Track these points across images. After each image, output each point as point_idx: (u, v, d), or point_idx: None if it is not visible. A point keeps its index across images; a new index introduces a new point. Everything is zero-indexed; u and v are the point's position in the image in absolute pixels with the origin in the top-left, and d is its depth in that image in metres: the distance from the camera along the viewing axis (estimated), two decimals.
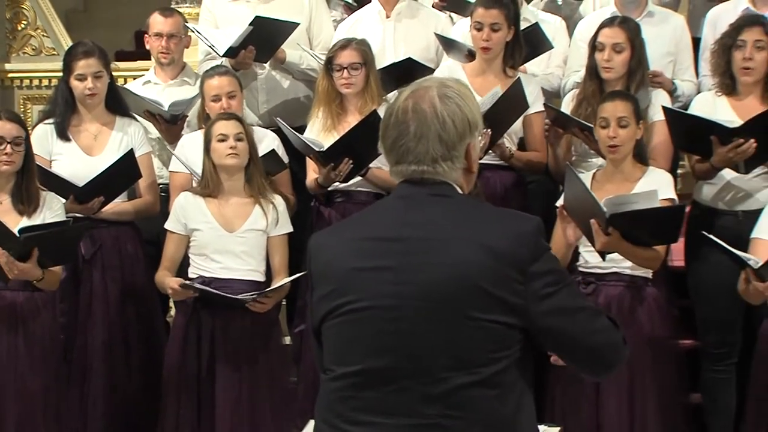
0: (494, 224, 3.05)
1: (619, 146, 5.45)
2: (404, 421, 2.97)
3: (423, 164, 3.05)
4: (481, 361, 2.96)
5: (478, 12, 6.03)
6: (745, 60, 5.68)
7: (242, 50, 6.47)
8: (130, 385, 6.08)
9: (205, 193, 5.76)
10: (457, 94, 3.09)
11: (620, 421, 5.34)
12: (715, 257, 5.54)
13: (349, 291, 3.05)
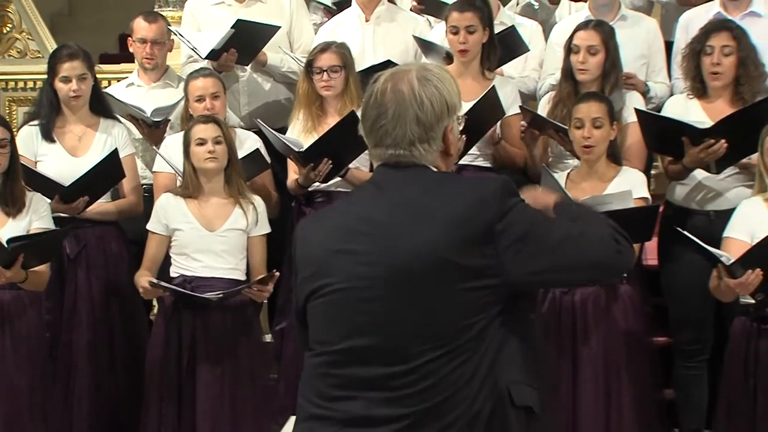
0: (455, 195, 3.06)
1: (594, 146, 5.47)
2: (378, 395, 3.00)
3: (400, 147, 3.06)
4: (455, 332, 2.98)
5: (453, 16, 6.06)
6: (713, 65, 5.70)
7: (224, 53, 6.48)
8: (114, 382, 6.06)
9: (186, 194, 5.76)
10: (436, 76, 3.09)
11: (596, 416, 5.35)
12: (687, 256, 5.59)
13: (327, 273, 3.08)
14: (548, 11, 7.04)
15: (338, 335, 3.06)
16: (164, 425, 5.66)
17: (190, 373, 5.65)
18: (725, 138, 5.44)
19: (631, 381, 5.39)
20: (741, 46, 5.70)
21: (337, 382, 3.06)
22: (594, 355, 5.36)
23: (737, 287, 4.95)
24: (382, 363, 3.02)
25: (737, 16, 6.20)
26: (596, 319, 5.38)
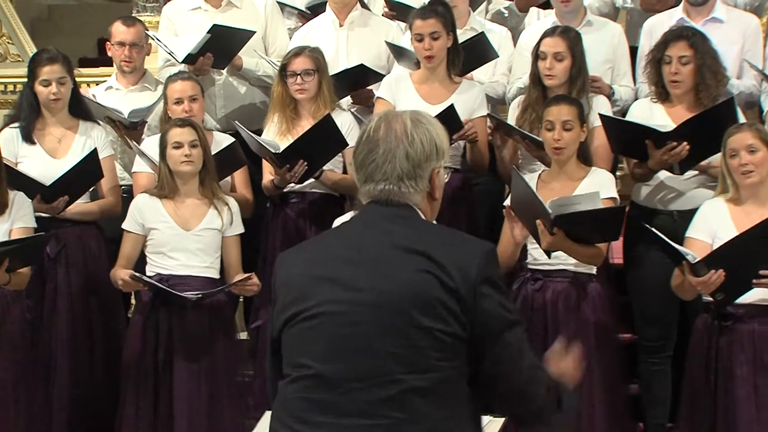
0: (451, 241, 3.09)
1: (564, 148, 5.47)
2: (354, 421, 2.98)
3: (389, 182, 3.07)
4: (428, 367, 2.97)
5: (417, 23, 6.05)
6: (672, 74, 5.73)
7: (200, 57, 6.49)
8: (93, 378, 6.07)
9: (162, 194, 5.76)
10: (428, 121, 3.14)
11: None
12: (651, 255, 5.64)
13: (306, 298, 3.07)
14: (518, 18, 7.05)
15: (314, 359, 3.04)
16: (141, 420, 5.66)
17: (167, 368, 5.65)
18: (687, 140, 5.47)
19: (602, 375, 5.40)
20: (698, 55, 5.72)
21: (315, 406, 3.04)
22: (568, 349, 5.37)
23: (699, 286, 4.96)
24: (358, 389, 3.00)
25: (699, 22, 6.23)
26: (567, 315, 5.40)
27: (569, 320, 5.39)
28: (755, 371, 5.07)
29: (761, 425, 5.03)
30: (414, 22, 6.08)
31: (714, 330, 5.15)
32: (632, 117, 5.94)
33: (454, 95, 6.13)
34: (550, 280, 5.44)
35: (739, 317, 5.10)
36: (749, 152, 5.12)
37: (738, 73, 6.27)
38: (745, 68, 6.29)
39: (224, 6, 6.91)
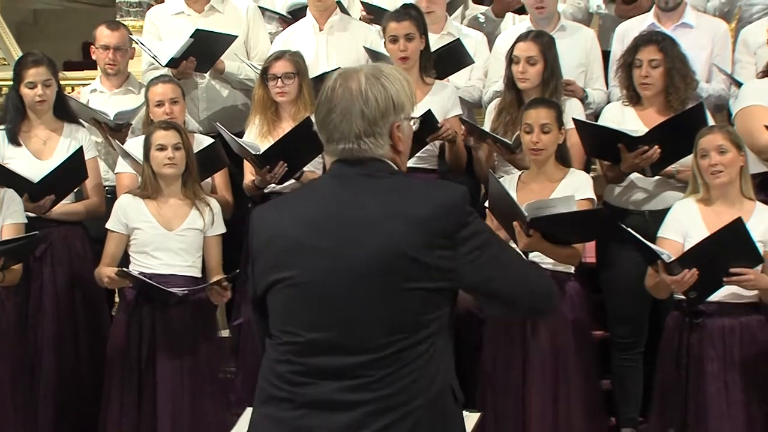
0: (422, 196, 3.07)
1: (542, 150, 5.48)
2: (342, 383, 3.02)
3: (348, 141, 3.08)
4: (414, 327, 3.01)
5: (391, 26, 6.08)
6: (642, 77, 5.73)
7: (183, 61, 6.48)
8: (78, 375, 6.04)
9: (145, 195, 5.75)
10: (386, 76, 3.11)
11: (545, 404, 5.35)
12: (624, 255, 5.64)
13: (290, 266, 3.08)
14: (494, 24, 7.06)
15: (302, 327, 3.07)
16: (125, 415, 5.64)
17: (150, 365, 5.63)
18: (658, 144, 5.48)
19: (578, 371, 5.40)
20: (668, 58, 5.71)
21: (301, 369, 3.07)
22: (543, 346, 5.36)
23: (673, 284, 4.97)
24: (346, 354, 3.03)
25: (670, 27, 6.26)
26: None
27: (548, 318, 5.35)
28: (725, 367, 5.07)
29: (731, 420, 5.04)
30: (388, 24, 6.11)
31: (685, 327, 5.15)
32: (604, 120, 5.94)
33: (428, 97, 6.14)
34: None
35: (710, 314, 5.11)
36: (719, 153, 5.13)
37: (707, 77, 6.30)
38: (714, 72, 6.32)
39: (207, 11, 6.91)
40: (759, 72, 6.01)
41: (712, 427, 5.05)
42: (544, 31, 6.16)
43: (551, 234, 5.21)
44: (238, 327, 6.20)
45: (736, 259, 4.93)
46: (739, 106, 5.86)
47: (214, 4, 6.94)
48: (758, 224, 5.11)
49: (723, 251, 4.91)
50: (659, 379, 5.31)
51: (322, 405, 3.05)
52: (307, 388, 3.07)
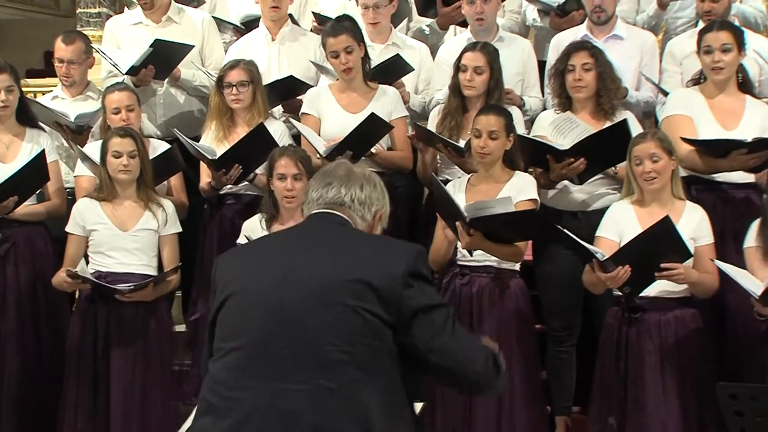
0: (384, 245, 3.19)
1: (488, 154, 5.48)
2: (280, 385, 3.01)
3: (340, 198, 3.23)
4: (352, 341, 3.02)
5: (330, 42, 6.03)
6: (575, 81, 5.75)
7: (143, 69, 6.42)
8: (40, 369, 5.97)
9: (101, 197, 5.71)
10: (381, 183, 3.33)
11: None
12: (558, 253, 5.67)
13: (240, 284, 3.12)
14: (438, 36, 7.01)
15: (246, 333, 3.07)
16: (80, 406, 5.61)
17: (105, 360, 5.61)
18: (584, 156, 5.52)
19: (521, 362, 5.40)
20: (599, 63, 5.76)
21: (242, 373, 3.05)
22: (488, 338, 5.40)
23: (608, 281, 4.98)
24: (287, 357, 3.02)
25: (602, 38, 6.29)
26: (490, 307, 5.41)
27: (492, 312, 5.40)
28: (661, 358, 5.10)
29: (667, 408, 5.07)
30: (327, 40, 6.06)
31: (624, 321, 5.18)
32: (538, 127, 5.95)
33: (372, 102, 6.13)
34: (476, 275, 5.44)
35: (646, 309, 5.15)
36: (652, 161, 5.17)
37: (636, 86, 6.32)
38: (642, 81, 6.34)
39: (164, 21, 6.86)
40: (689, 80, 6.04)
41: (650, 415, 5.08)
42: (490, 43, 6.16)
43: (493, 233, 5.23)
44: (195, 322, 6.18)
45: (667, 255, 4.96)
46: (664, 114, 5.89)
47: (171, 15, 6.88)
48: (688, 222, 5.18)
49: (653, 248, 4.95)
50: (599, 371, 5.31)
51: (260, 415, 3.02)
52: (243, 391, 3.04)
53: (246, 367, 3.06)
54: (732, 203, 5.69)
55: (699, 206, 5.32)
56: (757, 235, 5.13)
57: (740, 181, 5.66)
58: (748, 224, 5.30)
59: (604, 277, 5.00)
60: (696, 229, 5.19)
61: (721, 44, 5.62)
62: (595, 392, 5.34)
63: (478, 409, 5.36)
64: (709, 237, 5.21)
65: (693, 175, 5.69)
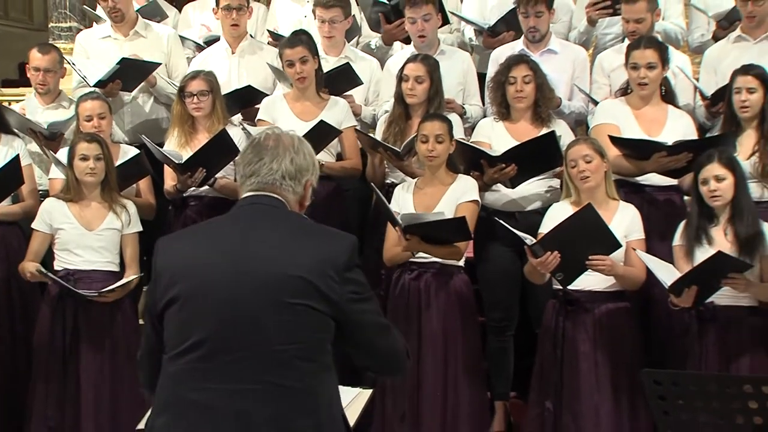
0: (319, 236, 3.11)
1: (436, 158, 5.49)
2: (237, 386, 2.95)
3: (273, 176, 3.12)
4: (302, 339, 2.98)
5: (287, 52, 6.04)
6: (517, 92, 5.77)
7: (110, 82, 6.39)
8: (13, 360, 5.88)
9: (68, 198, 5.66)
10: (309, 146, 3.22)
11: (436, 381, 5.37)
12: (497, 251, 5.70)
13: (190, 281, 3.02)
14: (383, 50, 7.01)
15: (202, 333, 2.98)
16: (50, 396, 5.54)
17: (74, 355, 5.54)
18: (515, 162, 5.53)
19: (465, 350, 5.41)
20: (537, 75, 5.79)
21: (202, 375, 2.98)
22: (435, 328, 5.38)
23: (538, 266, 5.00)
24: (243, 358, 2.96)
25: (537, 53, 6.29)
26: (437, 299, 5.42)
27: (438, 304, 5.41)
28: (595, 347, 5.14)
29: (600, 393, 5.11)
30: (284, 51, 6.05)
31: (561, 313, 5.20)
32: (477, 134, 5.96)
33: (324, 111, 6.12)
34: (423, 270, 5.44)
35: (582, 302, 5.17)
36: (585, 161, 5.20)
37: (570, 96, 6.34)
38: (575, 92, 6.36)
39: (131, 35, 6.81)
40: (617, 90, 6.05)
41: (584, 399, 5.12)
42: (430, 55, 6.16)
43: (431, 236, 5.26)
44: None
45: (595, 246, 5.00)
46: (594, 123, 5.94)
47: (138, 30, 6.83)
48: (622, 220, 5.24)
49: (579, 236, 4.97)
50: (539, 359, 5.32)
51: (216, 416, 2.96)
52: (203, 393, 2.98)
53: (202, 369, 2.99)
54: (655, 204, 5.74)
55: (632, 205, 5.35)
56: (681, 235, 5.17)
57: (663, 184, 5.71)
58: (670, 223, 5.36)
59: (535, 262, 5.02)
60: (628, 226, 5.23)
61: (647, 62, 5.69)
62: (534, 378, 5.34)
63: (425, 395, 5.37)
64: (639, 233, 5.24)
65: (621, 179, 5.70)
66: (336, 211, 6.09)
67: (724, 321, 5.03)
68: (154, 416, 3.07)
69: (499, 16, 6.80)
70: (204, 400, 2.97)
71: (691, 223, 5.13)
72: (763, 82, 5.57)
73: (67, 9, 8.32)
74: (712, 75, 6.23)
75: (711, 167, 5.06)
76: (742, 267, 4.90)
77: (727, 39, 6.38)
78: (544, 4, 6.30)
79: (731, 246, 5.01)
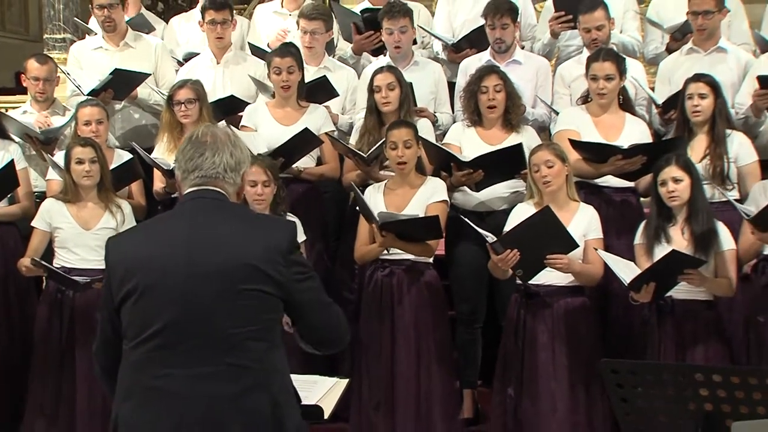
0: (263, 225, 3.19)
1: (406, 163, 5.50)
2: (197, 370, 2.99)
3: (216, 170, 3.12)
4: (255, 321, 3.03)
5: (276, 60, 6.07)
6: (489, 101, 5.79)
7: (103, 92, 6.38)
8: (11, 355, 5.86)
9: (66, 199, 5.64)
10: (242, 140, 3.24)
11: (410, 370, 5.37)
12: (466, 249, 5.69)
13: (145, 273, 3.02)
14: (354, 59, 6.99)
15: (156, 323, 3.00)
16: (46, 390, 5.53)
17: (70, 343, 5.53)
18: (482, 169, 5.55)
19: (436, 342, 5.41)
20: (507, 84, 5.81)
21: (161, 362, 2.99)
22: (407, 322, 5.38)
23: (499, 262, 5.02)
24: (200, 344, 2.98)
25: (503, 63, 6.29)
26: (409, 294, 5.41)
27: (410, 299, 5.40)
28: (553, 339, 5.15)
29: (557, 381, 5.13)
30: (273, 59, 6.08)
31: (522, 306, 5.22)
32: (449, 138, 5.97)
33: (304, 116, 6.13)
34: (395, 267, 5.43)
35: (542, 296, 5.19)
36: (547, 167, 5.22)
37: (533, 104, 6.36)
38: (538, 101, 6.39)
39: (122, 46, 6.81)
40: (578, 98, 6.09)
41: (542, 386, 5.14)
42: (393, 65, 6.22)
43: (405, 234, 5.27)
44: None
45: (553, 245, 5.01)
46: (556, 129, 5.98)
47: (128, 41, 6.84)
48: (581, 220, 5.25)
49: (538, 236, 4.99)
50: (502, 349, 5.33)
51: (181, 401, 2.98)
52: (164, 380, 2.99)
53: (163, 356, 3.00)
54: (613, 205, 5.77)
55: (591, 206, 5.37)
56: (641, 234, 5.20)
57: (620, 186, 5.75)
58: (627, 222, 5.40)
59: (495, 258, 5.04)
60: (587, 226, 5.24)
61: (605, 74, 5.75)
62: (498, 367, 5.35)
63: (399, 384, 5.38)
64: (597, 233, 5.26)
65: (581, 181, 5.73)
66: (315, 212, 6.13)
67: (680, 314, 5.06)
68: (120, 402, 3.08)
69: (465, 32, 6.83)
70: (166, 386, 2.99)
71: (651, 222, 5.16)
72: (713, 88, 5.62)
73: (61, 21, 8.28)
74: (667, 85, 6.27)
75: (669, 170, 5.09)
76: (697, 264, 4.94)
77: (679, 51, 6.42)
78: (509, 17, 6.33)
79: (688, 244, 5.04)
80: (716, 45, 6.26)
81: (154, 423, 3.00)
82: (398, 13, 6.43)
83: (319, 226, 6.15)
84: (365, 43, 6.89)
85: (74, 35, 7.72)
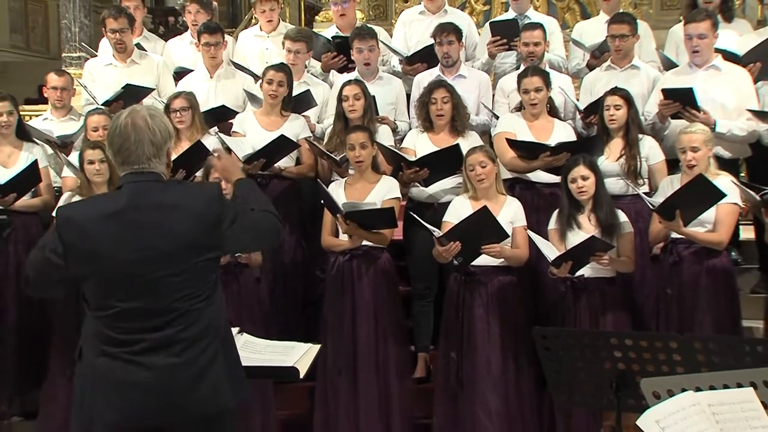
0: (195, 193, 3.13)
1: (363, 161, 5.48)
2: (158, 335, 2.99)
3: (141, 162, 3.05)
4: (204, 287, 3.05)
5: (270, 72, 6.04)
6: (438, 110, 5.80)
7: (115, 102, 6.33)
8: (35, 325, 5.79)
9: (81, 194, 5.56)
10: (160, 114, 3.15)
11: (369, 339, 5.34)
12: (419, 234, 5.61)
13: (99, 261, 2.98)
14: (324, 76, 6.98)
15: (115, 299, 2.98)
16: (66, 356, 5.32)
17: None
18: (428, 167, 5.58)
19: (390, 314, 5.40)
20: (453, 96, 5.82)
21: (121, 332, 2.98)
22: (366, 298, 5.36)
23: (444, 252, 5.06)
24: (156, 313, 2.98)
25: (450, 77, 6.29)
26: (367, 275, 5.38)
27: (368, 279, 5.38)
28: (488, 311, 5.16)
29: (491, 347, 5.13)
30: (269, 71, 6.07)
31: (461, 283, 5.23)
32: (406, 142, 5.97)
33: (286, 124, 6.10)
34: (354, 252, 5.38)
35: (478, 275, 5.20)
36: (481, 167, 5.25)
37: (477, 111, 6.37)
38: (480, 108, 6.39)
39: (129, 63, 6.79)
40: (514, 107, 6.08)
41: (479, 351, 5.15)
42: (360, 79, 6.20)
43: (366, 223, 5.25)
44: None
45: (488, 236, 5.04)
46: (496, 131, 6.00)
47: (134, 58, 6.82)
48: (508, 211, 5.28)
49: (476, 230, 5.01)
50: (444, 319, 5.35)
51: (144, 352, 2.98)
52: (130, 345, 2.99)
53: (121, 327, 3.00)
54: (543, 197, 5.80)
55: (516, 199, 5.42)
56: (555, 221, 5.24)
57: (549, 181, 5.76)
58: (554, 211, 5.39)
59: (440, 249, 5.05)
60: (513, 215, 5.28)
61: (534, 87, 5.79)
62: (441, 334, 5.37)
63: (360, 351, 5.36)
64: (522, 221, 5.30)
65: (516, 177, 5.78)
66: (294, 204, 6.11)
67: (591, 289, 5.10)
68: (93, 356, 3.05)
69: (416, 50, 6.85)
70: (133, 347, 2.98)
71: (563, 212, 5.22)
72: (626, 100, 5.67)
73: (77, 42, 8.37)
74: (589, 95, 6.31)
75: (578, 169, 5.15)
76: (607, 248, 5.01)
77: (600, 68, 6.48)
78: (454, 35, 6.36)
79: (595, 229, 5.10)
80: (630, 63, 6.31)
81: (122, 382, 3.01)
82: (367, 35, 6.46)
83: (298, 216, 6.12)
84: (332, 63, 6.87)
85: (88, 54, 7.69)
